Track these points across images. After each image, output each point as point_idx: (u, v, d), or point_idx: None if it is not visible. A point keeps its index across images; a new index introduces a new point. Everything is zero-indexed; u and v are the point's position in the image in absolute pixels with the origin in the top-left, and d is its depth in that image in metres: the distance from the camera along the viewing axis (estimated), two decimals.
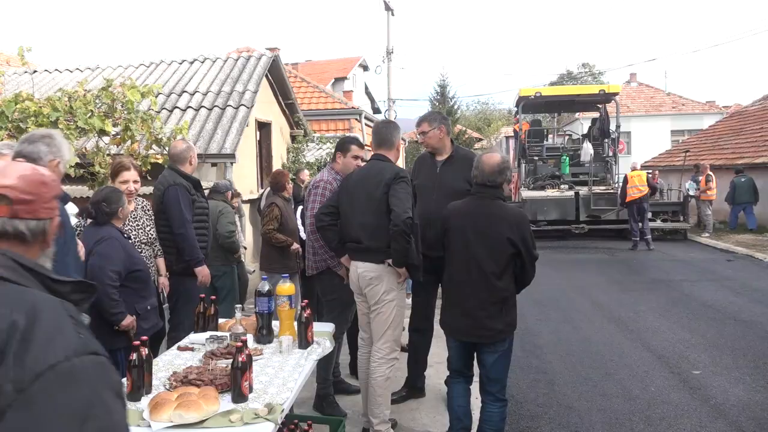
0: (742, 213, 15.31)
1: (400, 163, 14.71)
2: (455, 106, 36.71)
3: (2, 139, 5.06)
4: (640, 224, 12.97)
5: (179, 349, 3.09)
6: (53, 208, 1.27)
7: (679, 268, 10.62)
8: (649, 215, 13.69)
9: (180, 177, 4.39)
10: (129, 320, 3.32)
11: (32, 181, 1.23)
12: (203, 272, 4.40)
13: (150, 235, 4.13)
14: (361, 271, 3.69)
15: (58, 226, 1.30)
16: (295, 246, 5.84)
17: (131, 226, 4.00)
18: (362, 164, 4.17)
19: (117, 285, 3.32)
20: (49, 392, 0.93)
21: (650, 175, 14.25)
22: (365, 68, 27.88)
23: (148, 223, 4.15)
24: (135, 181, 4.00)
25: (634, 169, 13.51)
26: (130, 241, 3.80)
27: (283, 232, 5.91)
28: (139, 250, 3.96)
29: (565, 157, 15.95)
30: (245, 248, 8.00)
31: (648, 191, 13.05)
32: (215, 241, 5.39)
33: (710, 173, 15.22)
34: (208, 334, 3.18)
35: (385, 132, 3.92)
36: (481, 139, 38.40)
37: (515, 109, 17.14)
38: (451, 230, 3.47)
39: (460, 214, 3.45)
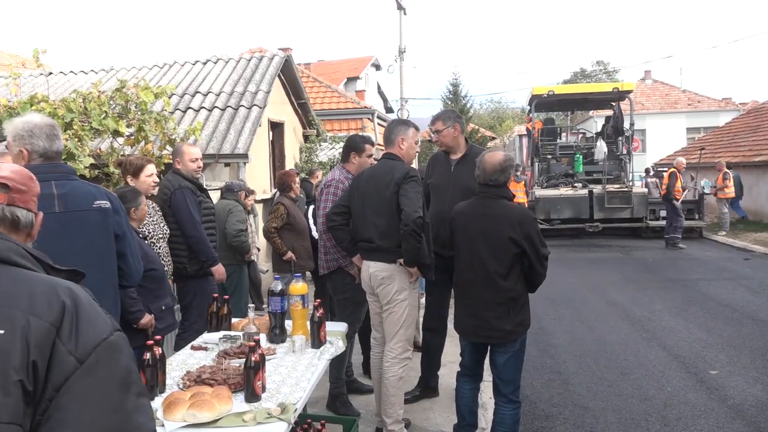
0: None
1: (413, 162, 14.68)
2: (468, 105, 36.65)
3: None
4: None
5: (193, 348, 3.10)
6: (37, 203, 1.42)
7: (695, 267, 10.50)
8: (662, 213, 13.88)
9: (184, 180, 4.43)
10: (147, 318, 3.34)
11: (24, 175, 1.38)
12: (219, 270, 4.50)
13: (165, 231, 4.18)
14: (372, 270, 3.69)
15: (41, 222, 1.43)
16: (289, 254, 5.86)
17: (147, 221, 4.03)
18: (373, 161, 4.18)
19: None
20: (103, 361, 1.12)
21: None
22: (377, 68, 27.88)
23: (160, 220, 4.19)
24: (156, 175, 4.12)
25: (675, 166, 13.25)
26: (146, 240, 3.83)
27: (292, 232, 5.92)
28: (158, 246, 4.00)
29: (578, 155, 15.85)
30: (258, 249, 8.03)
31: (666, 191, 12.89)
32: (223, 240, 5.40)
33: (727, 171, 15.04)
34: (222, 333, 3.19)
35: (387, 131, 3.93)
36: (494, 138, 38.29)
37: (528, 107, 17.03)
38: (457, 231, 3.45)
39: (464, 215, 3.44)
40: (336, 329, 3.43)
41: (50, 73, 11.30)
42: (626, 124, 15.75)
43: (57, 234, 2.47)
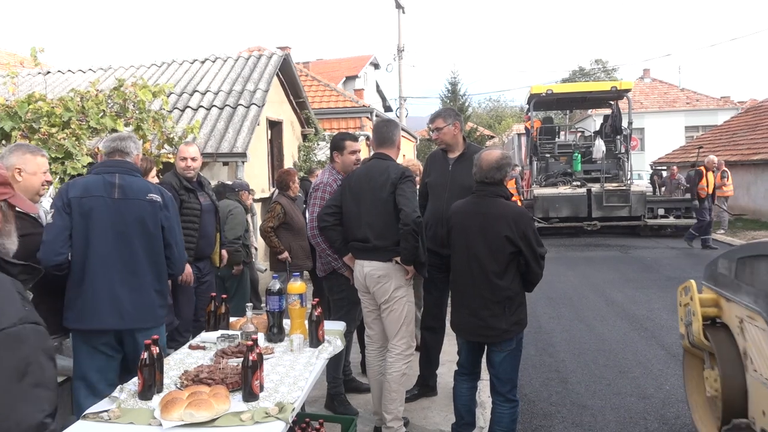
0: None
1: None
2: (466, 104, 36.64)
3: (16, 139, 5.10)
4: None
5: (190, 347, 3.09)
6: (4, 193, 1.42)
7: (694, 265, 10.49)
8: (661, 212, 14.13)
9: (175, 177, 4.59)
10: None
11: None
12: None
13: None
14: (368, 270, 3.68)
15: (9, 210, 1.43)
16: (284, 255, 5.84)
17: None
18: (359, 157, 4.18)
19: None
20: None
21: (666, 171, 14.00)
22: (376, 66, 27.86)
23: None
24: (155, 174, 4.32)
25: (706, 165, 12.90)
26: None
27: (290, 231, 5.91)
28: None
29: (577, 154, 15.88)
30: (256, 248, 8.03)
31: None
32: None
33: (725, 169, 15.04)
34: (219, 332, 3.18)
35: (385, 130, 3.91)
36: (492, 137, 38.32)
37: (527, 106, 17.05)
38: (454, 229, 3.45)
39: (461, 213, 3.43)
40: (334, 328, 3.42)
41: (48, 72, 11.29)
42: (624, 123, 15.77)
43: (113, 215, 3.03)
